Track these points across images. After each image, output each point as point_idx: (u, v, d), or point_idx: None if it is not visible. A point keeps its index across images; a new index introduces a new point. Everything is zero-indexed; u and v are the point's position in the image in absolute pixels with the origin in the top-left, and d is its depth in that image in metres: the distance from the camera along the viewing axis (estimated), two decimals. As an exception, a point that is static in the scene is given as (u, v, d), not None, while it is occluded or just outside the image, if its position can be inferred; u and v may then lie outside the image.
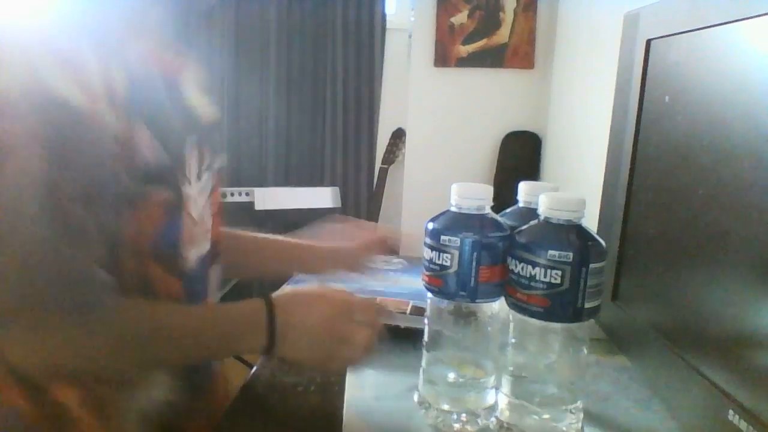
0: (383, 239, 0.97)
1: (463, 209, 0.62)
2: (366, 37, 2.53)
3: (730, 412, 0.54)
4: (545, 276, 0.56)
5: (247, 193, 2.20)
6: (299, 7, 2.54)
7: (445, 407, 0.64)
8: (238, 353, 0.72)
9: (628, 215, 0.82)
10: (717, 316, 0.61)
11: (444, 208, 0.64)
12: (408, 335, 0.79)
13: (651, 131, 0.78)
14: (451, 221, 0.62)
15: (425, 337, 0.67)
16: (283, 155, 2.66)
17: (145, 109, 0.61)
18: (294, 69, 2.59)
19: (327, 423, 0.66)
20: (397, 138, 2.47)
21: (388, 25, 2.53)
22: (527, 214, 0.66)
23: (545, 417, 0.61)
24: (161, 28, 0.69)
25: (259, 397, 0.73)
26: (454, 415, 0.64)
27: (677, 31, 0.71)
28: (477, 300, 0.62)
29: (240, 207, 2.21)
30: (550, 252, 0.56)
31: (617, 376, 0.77)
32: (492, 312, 0.64)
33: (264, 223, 2.56)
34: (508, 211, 0.73)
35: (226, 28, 2.56)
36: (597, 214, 0.91)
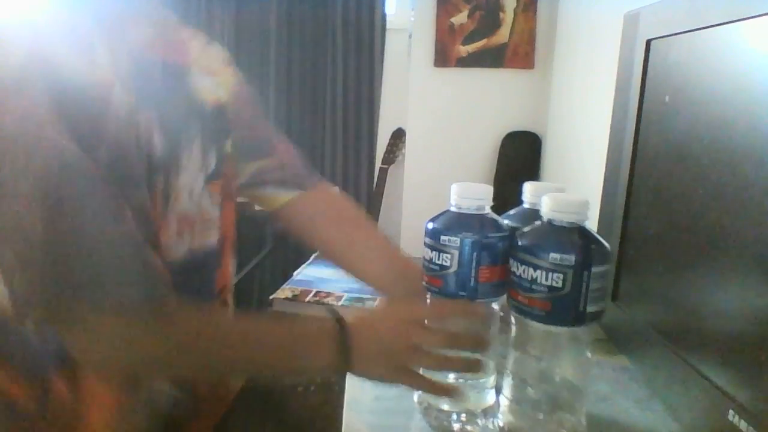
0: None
1: (463, 209, 0.62)
2: (366, 37, 2.53)
3: (730, 412, 0.54)
4: (547, 279, 0.55)
5: (247, 193, 2.19)
6: (299, 7, 2.53)
7: (445, 407, 0.64)
8: (304, 372, 0.67)
9: (628, 215, 0.82)
10: (717, 316, 0.61)
11: (444, 208, 0.63)
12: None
13: (651, 131, 0.78)
14: (450, 221, 0.62)
15: None
16: (283, 155, 2.65)
17: (151, 95, 0.60)
18: (294, 69, 2.58)
19: (327, 423, 0.66)
20: (397, 138, 2.46)
21: (388, 25, 2.53)
22: (532, 215, 0.65)
23: (547, 421, 0.61)
24: (163, 11, 0.68)
25: (259, 396, 0.73)
26: (454, 416, 0.64)
27: (677, 31, 0.71)
28: (477, 300, 0.62)
29: (240, 207, 2.20)
30: (552, 255, 0.55)
31: (617, 376, 0.77)
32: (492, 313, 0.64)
33: (264, 223, 2.57)
34: (512, 212, 0.72)
35: (226, 28, 2.56)
36: (597, 214, 0.91)
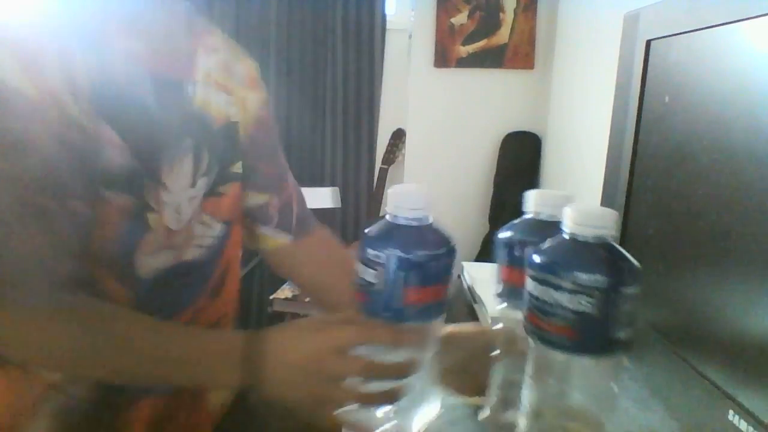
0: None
1: (399, 219, 0.53)
2: (366, 37, 2.53)
3: (730, 412, 0.54)
4: (571, 302, 0.49)
5: (247, 193, 2.20)
6: (299, 7, 2.53)
7: None
8: (206, 385, 0.63)
9: (628, 215, 0.82)
10: (717, 316, 0.61)
11: (443, 208, 0.61)
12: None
13: (651, 131, 0.78)
14: (381, 232, 0.54)
15: None
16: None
17: (116, 109, 0.58)
18: (294, 69, 2.59)
19: (327, 423, 0.66)
20: (397, 138, 2.47)
21: (388, 25, 2.53)
22: (538, 226, 0.60)
23: None
24: (165, 27, 0.67)
25: (251, 410, 0.72)
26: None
27: (677, 32, 0.70)
28: (405, 323, 0.54)
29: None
30: (578, 275, 0.48)
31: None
32: None
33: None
34: (517, 222, 0.64)
35: (226, 28, 2.56)
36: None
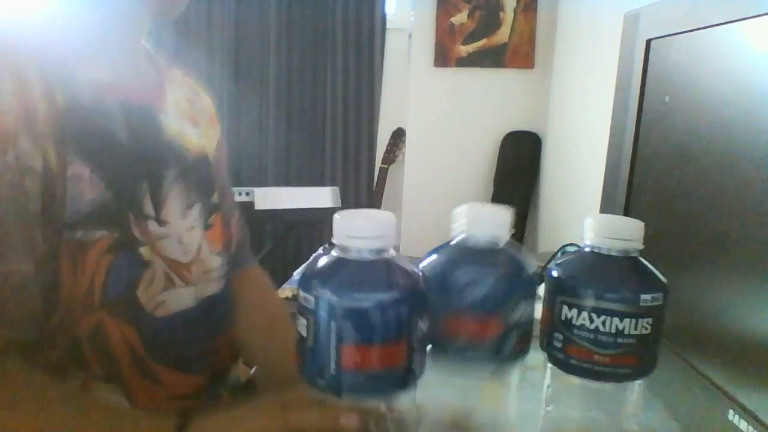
0: None
1: (349, 252, 0.40)
2: (366, 37, 2.53)
3: (730, 412, 0.54)
4: (636, 327, 0.44)
5: (247, 193, 2.20)
6: (299, 7, 2.54)
7: None
8: None
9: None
10: (717, 316, 0.61)
11: (443, 208, 0.53)
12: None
13: (651, 131, 0.78)
14: (319, 268, 0.41)
15: None
16: (283, 155, 2.66)
17: (86, 140, 0.54)
18: (294, 69, 2.59)
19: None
20: (397, 138, 2.47)
21: (388, 25, 2.53)
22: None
23: None
24: (131, 60, 0.64)
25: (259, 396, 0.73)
26: None
27: (677, 31, 0.71)
28: (342, 396, 0.40)
29: (240, 207, 2.20)
30: (643, 297, 0.44)
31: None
32: None
33: (264, 223, 2.57)
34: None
35: (226, 28, 2.56)
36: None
